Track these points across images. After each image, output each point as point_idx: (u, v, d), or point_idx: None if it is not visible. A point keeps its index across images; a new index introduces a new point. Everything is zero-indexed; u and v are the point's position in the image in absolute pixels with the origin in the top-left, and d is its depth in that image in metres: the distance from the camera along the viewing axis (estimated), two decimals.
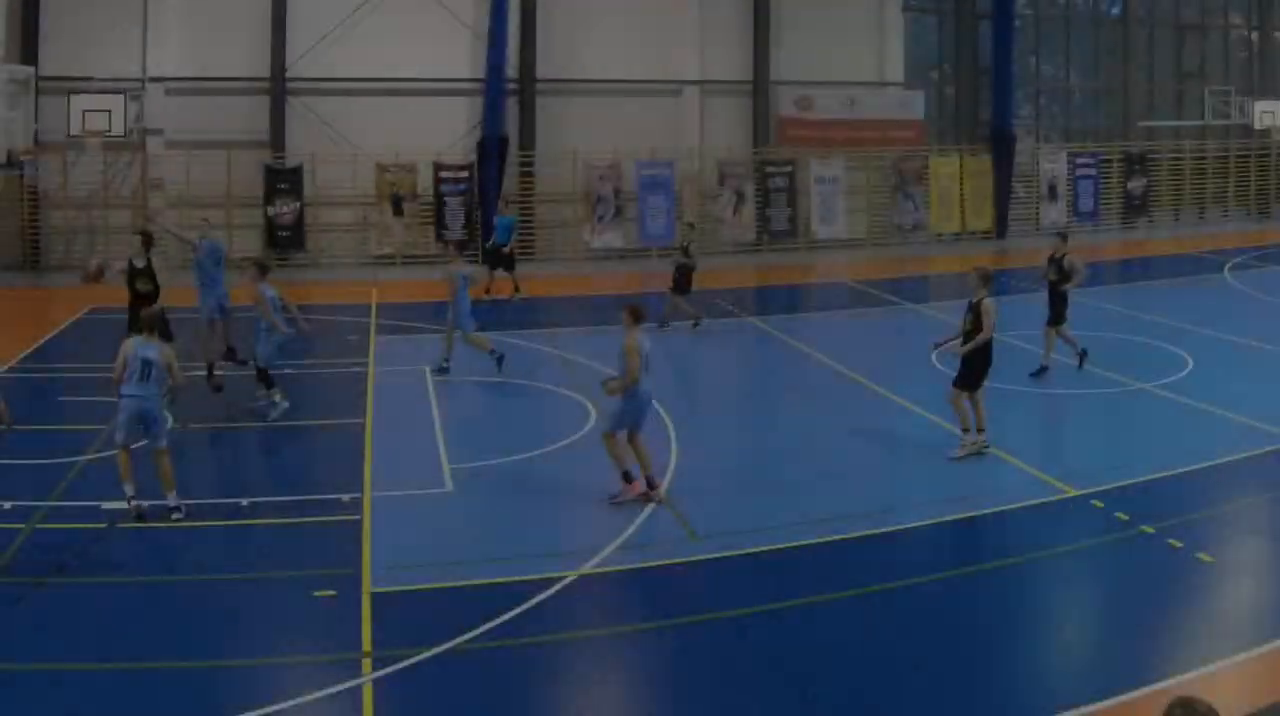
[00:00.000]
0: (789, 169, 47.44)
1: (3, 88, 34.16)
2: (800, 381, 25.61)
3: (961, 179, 50.14)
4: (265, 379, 22.81)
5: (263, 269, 23.14)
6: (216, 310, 24.59)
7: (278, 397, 22.83)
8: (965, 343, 20.14)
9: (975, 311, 20.05)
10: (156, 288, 23.87)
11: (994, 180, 50.57)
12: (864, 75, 49.49)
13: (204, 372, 24.23)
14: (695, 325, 31.45)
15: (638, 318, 17.81)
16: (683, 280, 31.46)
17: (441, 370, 26.03)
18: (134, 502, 17.13)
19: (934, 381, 24.91)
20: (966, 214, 50.38)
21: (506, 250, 36.72)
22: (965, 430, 20.21)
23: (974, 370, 20.07)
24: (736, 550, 16.12)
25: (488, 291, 35.50)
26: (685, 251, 31.91)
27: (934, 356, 24.59)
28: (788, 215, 47.52)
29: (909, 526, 17.11)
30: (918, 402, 23.49)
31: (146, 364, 17.20)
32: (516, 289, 36.58)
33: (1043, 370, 25.09)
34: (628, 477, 17.81)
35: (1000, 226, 50.98)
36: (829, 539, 16.49)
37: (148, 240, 24.75)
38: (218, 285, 24.65)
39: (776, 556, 16.02)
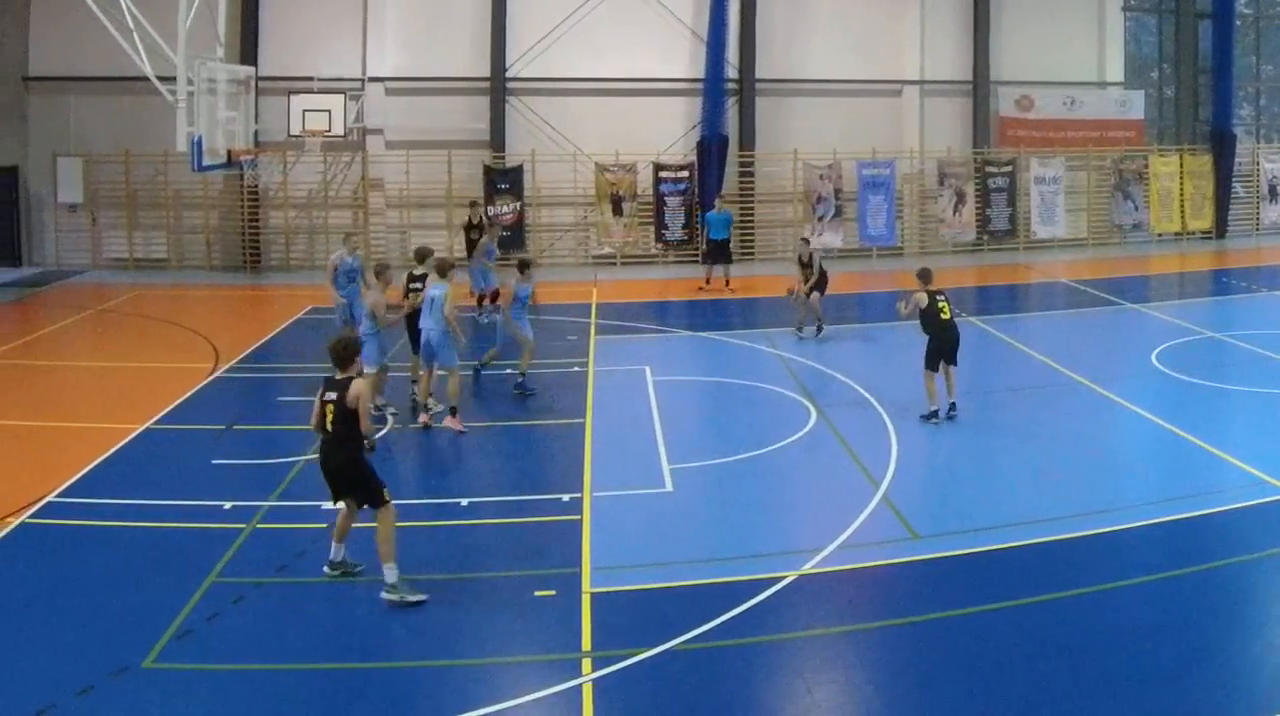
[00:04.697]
0: (1009, 169, 46.66)
1: (223, 88, 34.70)
2: (1020, 380, 25.28)
3: (1181, 179, 49.03)
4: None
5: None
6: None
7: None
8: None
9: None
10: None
11: (1214, 180, 49.59)
12: (1084, 75, 48.69)
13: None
14: (814, 329, 30.84)
15: None
16: (821, 282, 30.68)
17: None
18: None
19: (1152, 380, 24.93)
20: (1186, 214, 49.34)
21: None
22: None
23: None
24: (956, 550, 16.02)
25: (707, 282, 38.25)
26: (804, 264, 30.87)
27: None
28: (1008, 215, 46.79)
29: (1127, 526, 16.86)
30: (1136, 402, 23.36)
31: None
32: (727, 283, 38.09)
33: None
34: None
35: (1220, 226, 50.02)
36: (1049, 539, 16.32)
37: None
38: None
39: (997, 557, 15.87)
